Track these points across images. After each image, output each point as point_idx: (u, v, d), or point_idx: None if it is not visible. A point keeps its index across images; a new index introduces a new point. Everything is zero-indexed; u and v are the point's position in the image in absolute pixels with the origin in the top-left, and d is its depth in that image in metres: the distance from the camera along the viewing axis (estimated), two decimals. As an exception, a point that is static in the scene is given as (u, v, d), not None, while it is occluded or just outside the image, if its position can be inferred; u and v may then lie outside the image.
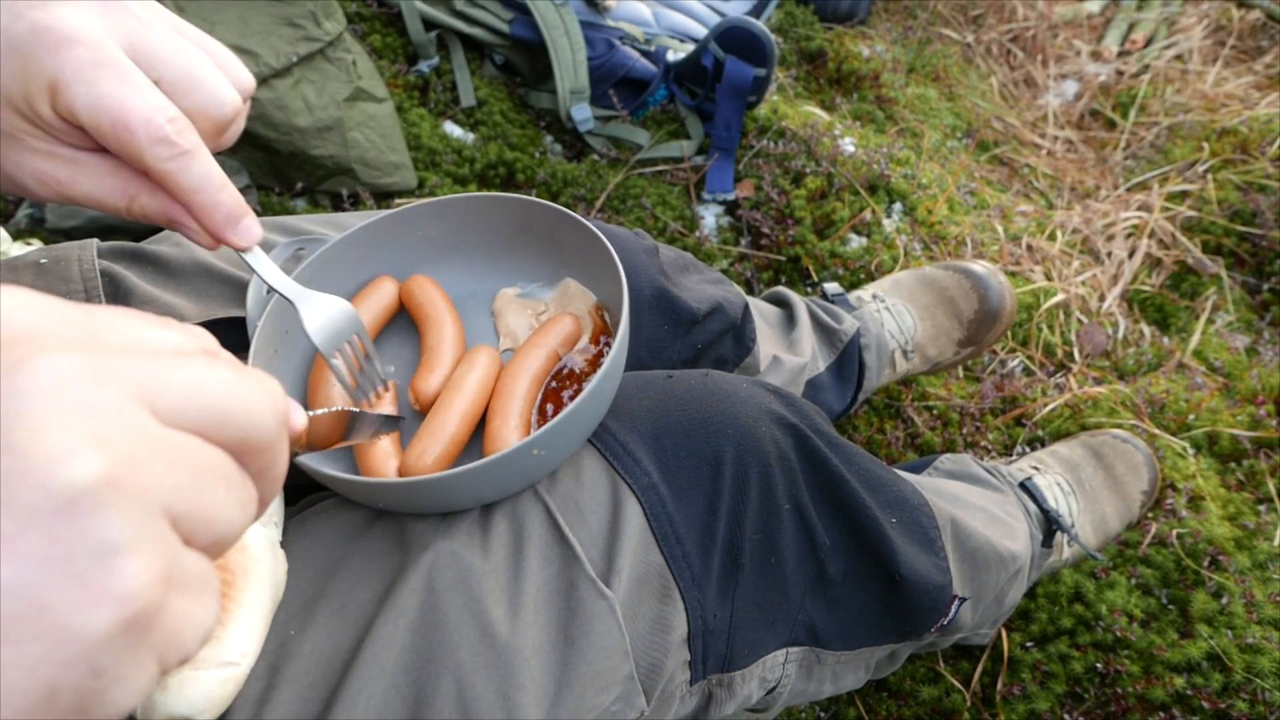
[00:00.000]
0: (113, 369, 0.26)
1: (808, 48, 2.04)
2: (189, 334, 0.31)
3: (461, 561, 0.57)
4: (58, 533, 0.23)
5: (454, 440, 0.63)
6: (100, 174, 0.50)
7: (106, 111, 0.45)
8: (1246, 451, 1.28)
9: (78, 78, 0.44)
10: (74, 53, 0.44)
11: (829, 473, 0.71)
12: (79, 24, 0.45)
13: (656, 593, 0.62)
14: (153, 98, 0.46)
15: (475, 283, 0.77)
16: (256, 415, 0.30)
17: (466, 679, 0.53)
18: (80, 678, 0.23)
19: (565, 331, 0.71)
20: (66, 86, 0.45)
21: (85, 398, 0.25)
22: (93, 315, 0.28)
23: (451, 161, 1.61)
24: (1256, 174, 1.70)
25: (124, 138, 0.46)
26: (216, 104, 0.49)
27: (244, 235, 0.52)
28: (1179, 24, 2.24)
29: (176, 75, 0.48)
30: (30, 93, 0.45)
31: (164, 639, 0.25)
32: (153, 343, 0.29)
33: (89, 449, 0.24)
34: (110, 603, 0.23)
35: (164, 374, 0.28)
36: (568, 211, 0.71)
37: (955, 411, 1.35)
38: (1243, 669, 1.01)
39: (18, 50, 0.44)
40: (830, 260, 1.49)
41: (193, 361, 0.29)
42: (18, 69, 0.45)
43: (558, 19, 1.63)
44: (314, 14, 1.38)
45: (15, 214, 1.37)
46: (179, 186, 0.48)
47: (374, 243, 0.75)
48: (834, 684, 0.81)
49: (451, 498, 0.59)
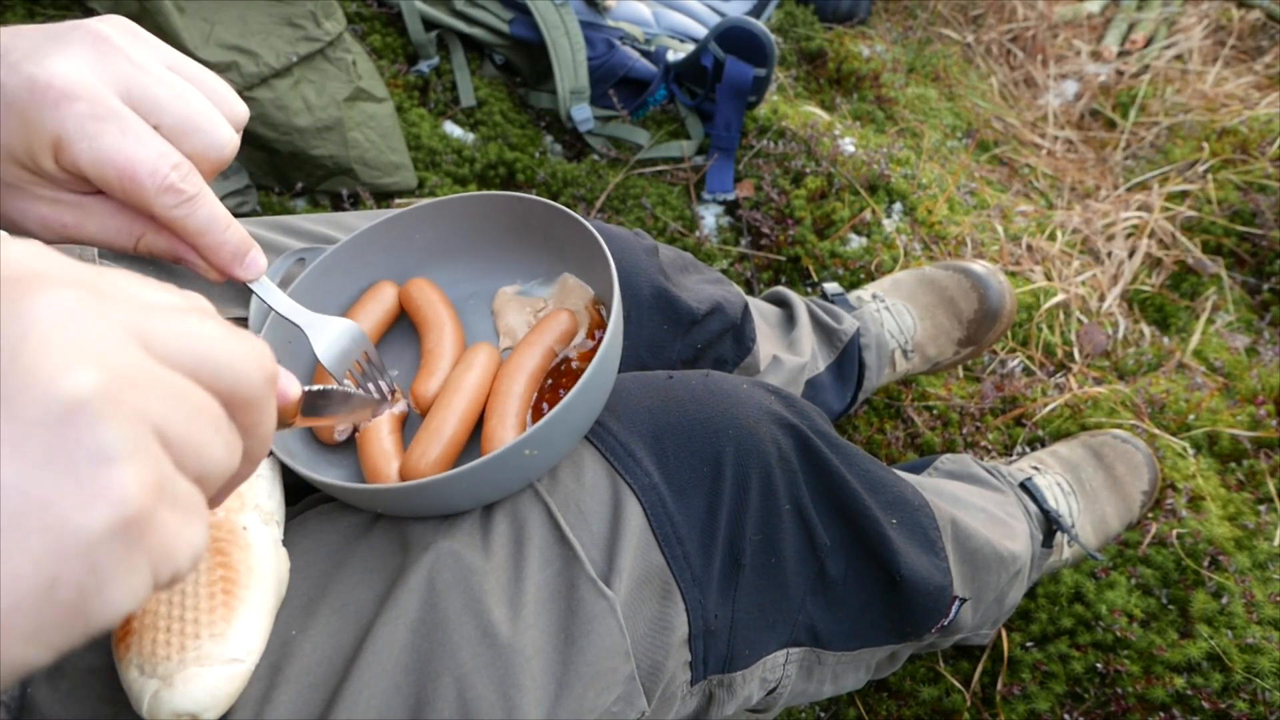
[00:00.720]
0: (112, 309, 0.28)
1: (808, 48, 2.04)
2: (186, 296, 0.33)
3: (462, 561, 0.57)
4: (58, 439, 0.25)
5: (453, 441, 0.63)
6: (105, 216, 0.51)
7: (112, 165, 0.46)
8: (1246, 451, 1.28)
9: (80, 133, 0.45)
10: (74, 109, 0.45)
11: (829, 473, 0.71)
12: (76, 77, 0.45)
13: (657, 593, 0.63)
14: (156, 145, 0.47)
15: (475, 282, 0.77)
16: (245, 369, 0.32)
17: (467, 679, 0.53)
18: (79, 572, 0.25)
19: (561, 328, 0.71)
20: (69, 143, 0.45)
21: (86, 326, 0.27)
22: (95, 268, 0.30)
23: (451, 161, 1.61)
24: (1256, 174, 1.70)
25: (130, 189, 0.47)
26: (216, 147, 0.50)
27: (249, 269, 0.54)
28: (1179, 24, 2.24)
29: (175, 121, 0.48)
30: (33, 149, 0.46)
31: (156, 547, 0.27)
32: (151, 299, 0.31)
33: (89, 366, 0.26)
34: (106, 502, 0.25)
35: (159, 321, 0.29)
36: (560, 207, 0.71)
37: (955, 411, 1.35)
38: (1243, 669, 1.01)
39: (16, 108, 0.45)
40: (830, 260, 1.49)
41: (187, 315, 0.31)
42: (18, 126, 0.45)
43: (558, 19, 1.63)
44: (314, 14, 1.38)
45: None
46: (186, 231, 0.50)
47: (373, 248, 0.75)
48: (834, 684, 0.81)
49: (448, 500, 0.59)
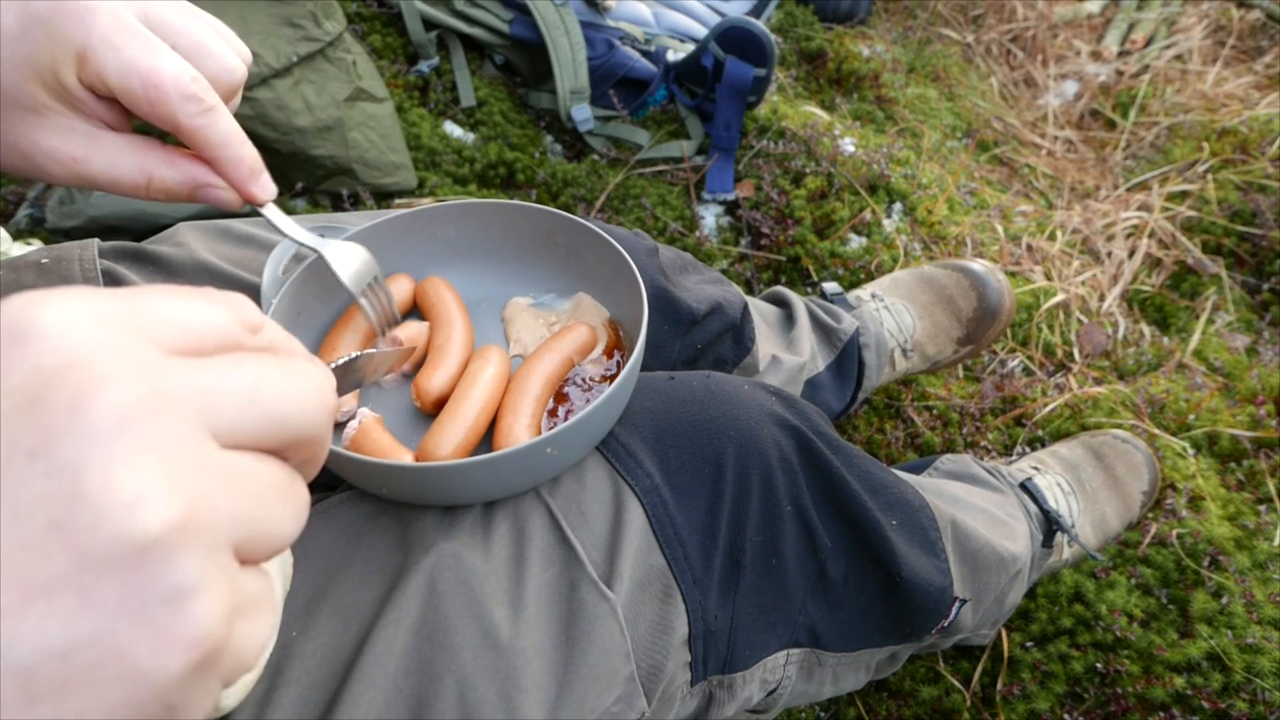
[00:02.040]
0: (170, 393, 0.26)
1: (808, 48, 2.04)
2: (231, 307, 0.31)
3: (463, 563, 0.57)
4: (132, 581, 0.24)
5: (474, 430, 0.64)
6: (117, 150, 0.51)
7: (137, 74, 0.47)
8: (1246, 451, 1.28)
9: (106, 44, 0.47)
10: (99, 20, 0.46)
11: (830, 475, 0.71)
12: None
13: (658, 594, 0.63)
14: (177, 58, 0.49)
15: (487, 288, 0.78)
16: (308, 414, 0.31)
17: (468, 680, 0.53)
18: (154, 713, 0.25)
19: (581, 340, 0.71)
20: (95, 52, 0.47)
21: (147, 434, 0.25)
22: (134, 304, 0.28)
23: (451, 161, 1.60)
24: (1256, 174, 1.70)
25: (155, 97, 0.48)
26: (227, 70, 0.52)
27: (264, 189, 0.55)
28: (1179, 24, 2.24)
29: (190, 43, 0.51)
30: (57, 62, 0.47)
31: (230, 663, 0.26)
32: (201, 330, 0.29)
33: (157, 495, 0.24)
34: (184, 645, 0.24)
35: (219, 388, 0.28)
36: (591, 226, 0.72)
37: (955, 411, 1.35)
38: (1243, 669, 1.01)
39: (42, 21, 0.46)
40: (830, 260, 1.49)
41: (244, 365, 0.29)
42: (43, 39, 0.46)
43: (558, 19, 1.63)
44: (314, 14, 1.38)
45: (15, 214, 1.37)
46: (208, 141, 0.51)
47: (392, 239, 0.75)
48: (834, 685, 0.81)
49: (458, 490, 0.59)
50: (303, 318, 0.71)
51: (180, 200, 0.55)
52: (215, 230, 0.79)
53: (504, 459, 0.56)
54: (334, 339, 0.70)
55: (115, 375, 0.25)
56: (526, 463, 0.58)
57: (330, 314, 0.74)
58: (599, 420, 0.61)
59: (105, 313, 0.27)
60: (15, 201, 1.39)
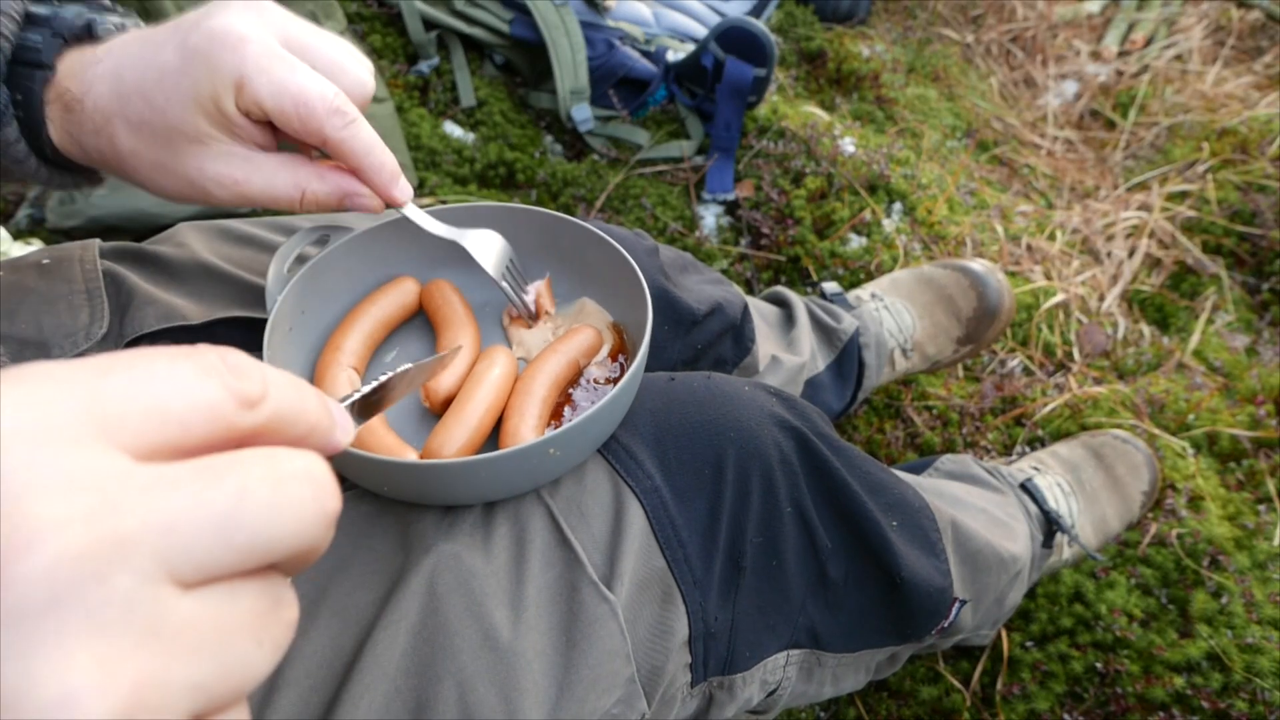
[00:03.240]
0: (124, 538, 0.22)
1: (808, 48, 2.04)
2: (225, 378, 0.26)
3: (463, 564, 0.57)
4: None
5: (479, 430, 0.64)
6: (273, 170, 0.56)
7: (289, 94, 0.52)
8: (1246, 451, 1.28)
9: (259, 70, 0.51)
10: (251, 49, 0.51)
11: (831, 476, 0.71)
12: (245, 24, 0.52)
13: (658, 596, 0.63)
14: (319, 78, 0.53)
15: (491, 291, 0.78)
16: (302, 531, 0.26)
17: (468, 682, 0.53)
18: None
19: (588, 343, 0.71)
20: (250, 79, 0.51)
21: (86, 606, 0.21)
22: (103, 389, 0.24)
23: (451, 161, 1.60)
24: (1256, 174, 1.70)
25: (305, 114, 0.52)
26: (360, 85, 0.57)
27: (404, 191, 0.60)
28: (1179, 24, 2.24)
29: (326, 62, 0.55)
30: (218, 92, 0.52)
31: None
32: (182, 418, 0.25)
33: (90, 692, 0.20)
34: None
35: (189, 520, 0.23)
36: (597, 231, 0.73)
37: (955, 411, 1.35)
38: (1243, 669, 1.01)
39: (201, 55, 0.51)
40: (830, 260, 1.49)
41: (223, 483, 0.24)
42: (205, 72, 0.51)
43: (558, 19, 1.63)
44: (314, 14, 1.38)
45: (16, 214, 1.37)
46: (353, 150, 0.55)
47: (396, 239, 0.75)
48: (834, 686, 0.81)
49: (460, 489, 0.59)
50: (307, 315, 0.71)
51: (329, 211, 0.59)
52: (215, 230, 0.79)
53: (507, 458, 0.56)
54: (338, 339, 0.70)
55: (54, 523, 0.21)
56: (529, 462, 0.58)
57: (334, 312, 0.74)
58: (602, 422, 0.61)
59: (59, 411, 0.23)
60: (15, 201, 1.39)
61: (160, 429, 0.24)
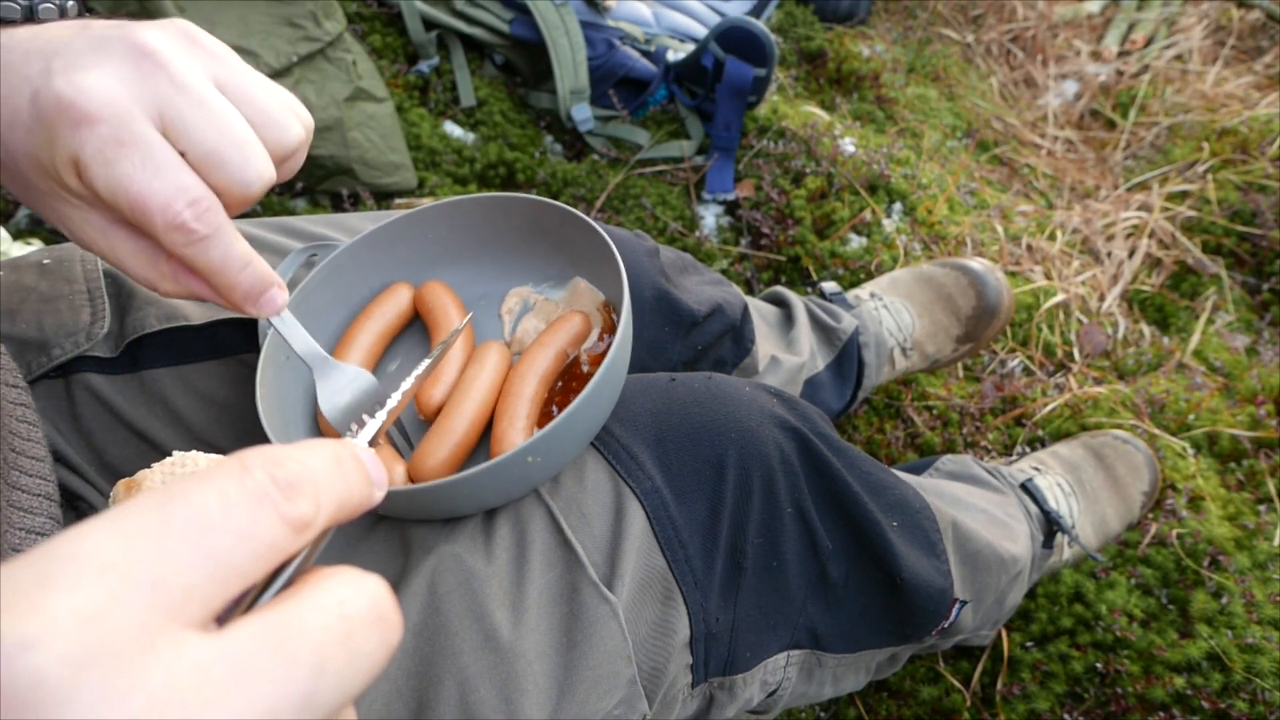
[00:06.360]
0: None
1: (808, 48, 2.04)
2: (279, 506, 0.24)
3: (464, 565, 0.57)
4: None
5: (461, 444, 0.63)
6: (130, 252, 0.49)
7: (124, 195, 0.44)
8: (1246, 451, 1.28)
9: (97, 158, 0.43)
10: (95, 132, 0.43)
11: (831, 476, 0.71)
12: (103, 97, 0.43)
13: (659, 596, 0.63)
14: (174, 180, 0.44)
15: (487, 284, 0.78)
16: (373, 675, 0.25)
17: (469, 682, 0.53)
18: None
19: (574, 330, 0.71)
20: (86, 167, 0.44)
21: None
22: (160, 573, 0.22)
23: (451, 161, 1.60)
24: (1256, 174, 1.70)
25: (142, 222, 0.45)
26: (242, 184, 0.47)
27: (265, 308, 0.52)
28: (1179, 24, 2.24)
29: (204, 151, 0.45)
30: (57, 165, 0.45)
31: None
32: (241, 572, 0.23)
33: None
34: None
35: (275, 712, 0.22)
36: (572, 210, 0.71)
37: (955, 411, 1.35)
38: (1243, 669, 1.01)
39: (45, 123, 0.44)
40: (830, 260, 1.49)
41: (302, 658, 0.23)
42: (44, 141, 0.44)
43: (558, 19, 1.63)
44: (314, 14, 1.38)
45: (15, 214, 1.37)
46: (197, 269, 0.48)
47: (385, 246, 0.75)
48: (834, 686, 0.81)
49: (449, 505, 0.59)
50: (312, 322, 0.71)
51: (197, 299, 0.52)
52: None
53: (483, 474, 0.55)
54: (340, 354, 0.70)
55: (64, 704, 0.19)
56: (509, 474, 0.57)
57: (340, 319, 0.74)
58: (582, 421, 0.60)
59: (125, 615, 0.21)
60: (15, 201, 1.39)
61: (223, 590, 0.23)
